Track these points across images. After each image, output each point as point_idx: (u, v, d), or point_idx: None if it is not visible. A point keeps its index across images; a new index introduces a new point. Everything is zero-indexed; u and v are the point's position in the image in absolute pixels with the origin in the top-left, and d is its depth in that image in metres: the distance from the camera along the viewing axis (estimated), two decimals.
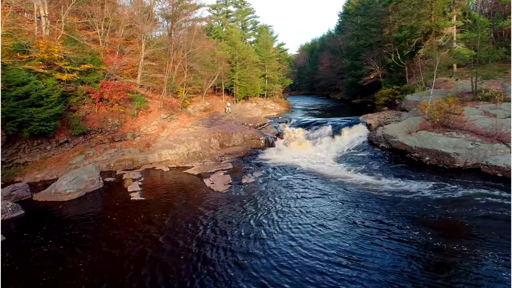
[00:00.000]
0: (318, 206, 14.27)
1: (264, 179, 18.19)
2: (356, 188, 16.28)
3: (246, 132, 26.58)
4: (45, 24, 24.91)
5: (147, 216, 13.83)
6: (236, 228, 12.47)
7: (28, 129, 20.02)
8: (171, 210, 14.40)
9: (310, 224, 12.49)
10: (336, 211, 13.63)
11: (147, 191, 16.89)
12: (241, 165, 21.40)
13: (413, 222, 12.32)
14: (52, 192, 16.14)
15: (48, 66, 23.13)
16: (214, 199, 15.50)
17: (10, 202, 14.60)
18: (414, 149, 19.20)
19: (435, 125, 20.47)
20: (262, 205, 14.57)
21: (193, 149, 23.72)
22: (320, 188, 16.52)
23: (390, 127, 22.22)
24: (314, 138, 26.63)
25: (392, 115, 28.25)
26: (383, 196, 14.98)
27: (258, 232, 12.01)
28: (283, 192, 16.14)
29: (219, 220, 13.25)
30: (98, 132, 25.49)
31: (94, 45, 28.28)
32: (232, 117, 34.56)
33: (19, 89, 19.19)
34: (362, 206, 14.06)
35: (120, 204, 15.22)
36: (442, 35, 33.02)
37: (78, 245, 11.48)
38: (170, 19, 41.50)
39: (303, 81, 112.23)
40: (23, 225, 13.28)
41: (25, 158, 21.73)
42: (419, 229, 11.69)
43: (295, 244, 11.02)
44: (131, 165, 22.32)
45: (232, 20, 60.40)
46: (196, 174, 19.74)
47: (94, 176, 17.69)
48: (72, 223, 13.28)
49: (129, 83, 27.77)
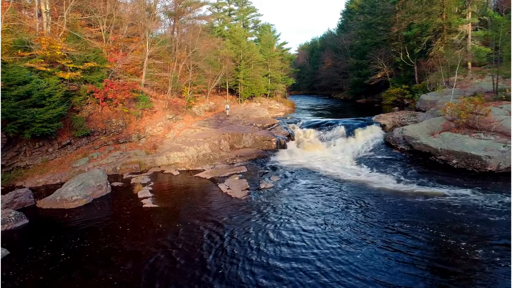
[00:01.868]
0: (348, 218, 13.12)
1: (283, 184, 17.09)
2: (385, 195, 15.06)
3: (256, 133, 25.49)
4: (47, 20, 23.72)
5: (160, 226, 12.74)
6: (259, 243, 11.20)
7: (30, 130, 18.86)
8: (187, 220, 13.28)
9: (345, 242, 11.36)
10: (371, 224, 12.36)
11: (159, 198, 15.76)
12: (256, 168, 20.31)
13: (467, 236, 11.21)
14: (58, 198, 14.99)
15: (50, 64, 21.98)
16: (233, 207, 14.36)
17: (13, 211, 13.45)
18: (440, 151, 18.18)
19: (460, 126, 19.49)
20: (286, 216, 13.36)
21: (203, 151, 22.60)
22: (344, 195, 15.34)
23: (410, 128, 21.20)
24: (327, 140, 25.60)
25: (407, 116, 27.26)
26: (417, 204, 13.85)
27: (284, 250, 10.75)
28: (306, 200, 14.91)
29: (240, 232, 12.02)
30: (102, 133, 24.36)
31: (97, 42, 27.10)
32: (239, 117, 33.47)
33: (20, 88, 18.04)
34: (397, 217, 12.83)
35: (132, 213, 14.09)
36: (456, 33, 32.06)
37: (89, 260, 10.38)
38: (173, 17, 40.40)
39: (303, 81, 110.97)
40: (28, 237, 12.15)
41: (26, 161, 20.60)
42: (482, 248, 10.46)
43: (331, 268, 9.76)
44: (138, 168, 21.21)
45: (234, 19, 59.34)
46: (209, 178, 18.63)
47: (101, 181, 16.56)
48: (80, 234, 12.16)
49: (134, 82, 26.60)
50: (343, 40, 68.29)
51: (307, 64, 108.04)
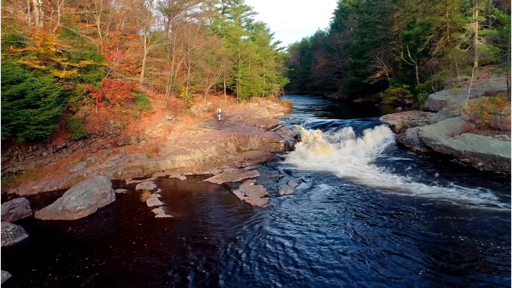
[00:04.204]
0: (383, 229, 12.05)
1: (304, 190, 15.91)
2: (417, 203, 13.88)
3: (263, 134, 24.33)
4: (39, 15, 22.07)
5: (179, 240, 11.45)
6: (295, 264, 9.93)
7: (24, 133, 17.34)
8: (208, 232, 12.01)
9: (389, 269, 10.30)
10: (415, 240, 11.03)
11: (171, 206, 14.44)
12: (268, 172, 19.12)
13: None
14: (59, 209, 13.54)
15: (44, 62, 20.40)
16: (255, 217, 13.09)
17: (10, 224, 11.99)
18: (464, 153, 17.33)
19: (481, 127, 18.69)
20: (315, 226, 12.16)
21: (209, 154, 21.32)
22: (373, 204, 14.07)
23: (427, 129, 20.34)
24: (336, 141, 24.61)
25: (416, 116, 26.47)
26: (452, 212, 12.94)
27: (325, 277, 9.69)
28: (333, 210, 13.61)
29: (271, 250, 10.63)
30: (99, 135, 22.88)
31: (93, 39, 25.50)
32: (240, 118, 32.24)
33: (13, 88, 16.48)
34: (447, 231, 11.67)
35: (144, 224, 12.75)
36: (461, 31, 31.46)
37: (103, 283, 9.09)
38: (168, 13, 38.94)
39: (294, 81, 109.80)
40: (30, 255, 10.73)
41: (18, 166, 19.05)
42: None
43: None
44: (141, 173, 19.83)
45: (227, 17, 57.96)
46: (221, 184, 17.36)
47: (106, 188, 15.17)
48: (89, 251, 10.79)
49: (133, 81, 25.11)
50: (337, 39, 67.53)
51: (298, 64, 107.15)
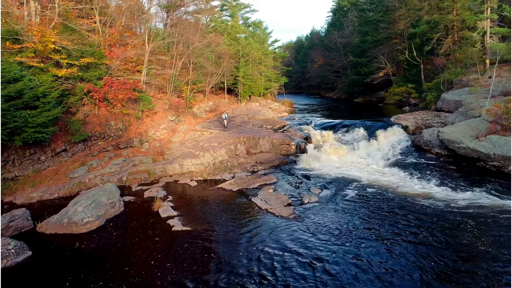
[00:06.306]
0: (435, 250, 11.09)
1: (329, 198, 14.79)
2: (454, 211, 12.97)
3: (273, 136, 23.19)
4: (35, 9, 20.64)
5: (204, 258, 10.24)
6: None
7: (21, 136, 16.01)
8: (235, 249, 10.78)
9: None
10: (460, 254, 10.25)
11: (187, 217, 13.22)
12: (285, 177, 17.97)
13: None
14: (65, 221, 12.25)
15: (42, 60, 19.00)
16: (283, 230, 11.89)
17: (12, 240, 10.69)
18: (493, 157, 16.42)
19: (507, 128, 17.83)
20: (350, 243, 11.06)
21: (220, 158, 20.12)
22: (407, 212, 13.06)
23: (449, 130, 19.40)
24: (349, 143, 23.60)
25: (430, 116, 25.59)
26: (494, 221, 11.99)
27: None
28: (365, 220, 12.58)
29: (308, 272, 9.61)
30: (100, 138, 21.58)
31: (93, 35, 24.06)
32: (244, 119, 31.06)
33: (10, 87, 15.12)
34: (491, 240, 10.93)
35: (161, 239, 11.51)
36: (471, 30, 30.71)
37: None
38: (166, 9, 37.55)
39: (290, 80, 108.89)
40: (36, 278, 9.45)
41: (14, 172, 17.71)
42: None
43: None
44: (148, 178, 18.58)
45: (226, 15, 56.68)
46: (236, 190, 16.16)
47: (114, 197, 13.89)
48: (102, 273, 9.51)
49: (136, 80, 23.75)
50: (336, 38, 66.57)
51: (293, 63, 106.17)
